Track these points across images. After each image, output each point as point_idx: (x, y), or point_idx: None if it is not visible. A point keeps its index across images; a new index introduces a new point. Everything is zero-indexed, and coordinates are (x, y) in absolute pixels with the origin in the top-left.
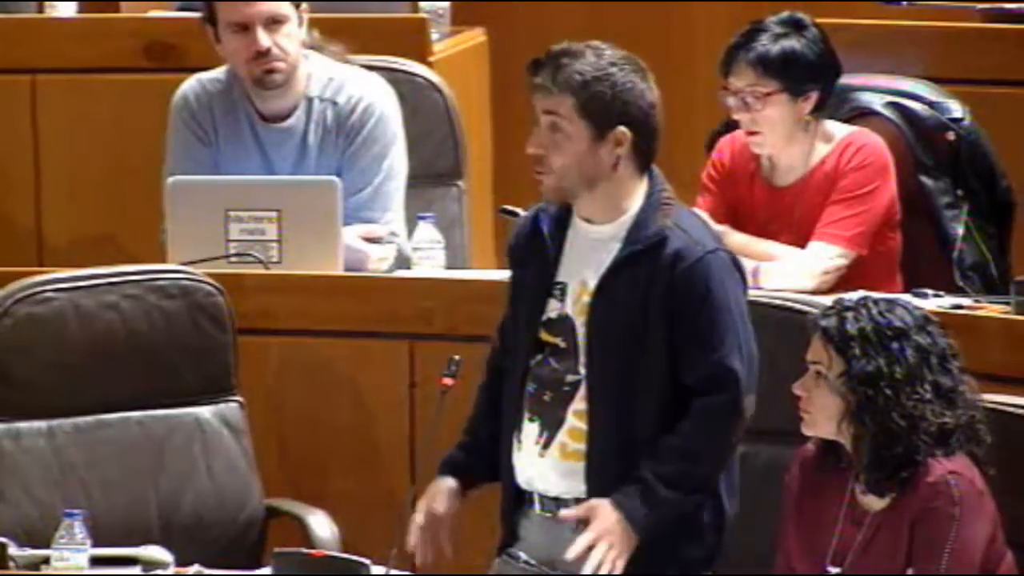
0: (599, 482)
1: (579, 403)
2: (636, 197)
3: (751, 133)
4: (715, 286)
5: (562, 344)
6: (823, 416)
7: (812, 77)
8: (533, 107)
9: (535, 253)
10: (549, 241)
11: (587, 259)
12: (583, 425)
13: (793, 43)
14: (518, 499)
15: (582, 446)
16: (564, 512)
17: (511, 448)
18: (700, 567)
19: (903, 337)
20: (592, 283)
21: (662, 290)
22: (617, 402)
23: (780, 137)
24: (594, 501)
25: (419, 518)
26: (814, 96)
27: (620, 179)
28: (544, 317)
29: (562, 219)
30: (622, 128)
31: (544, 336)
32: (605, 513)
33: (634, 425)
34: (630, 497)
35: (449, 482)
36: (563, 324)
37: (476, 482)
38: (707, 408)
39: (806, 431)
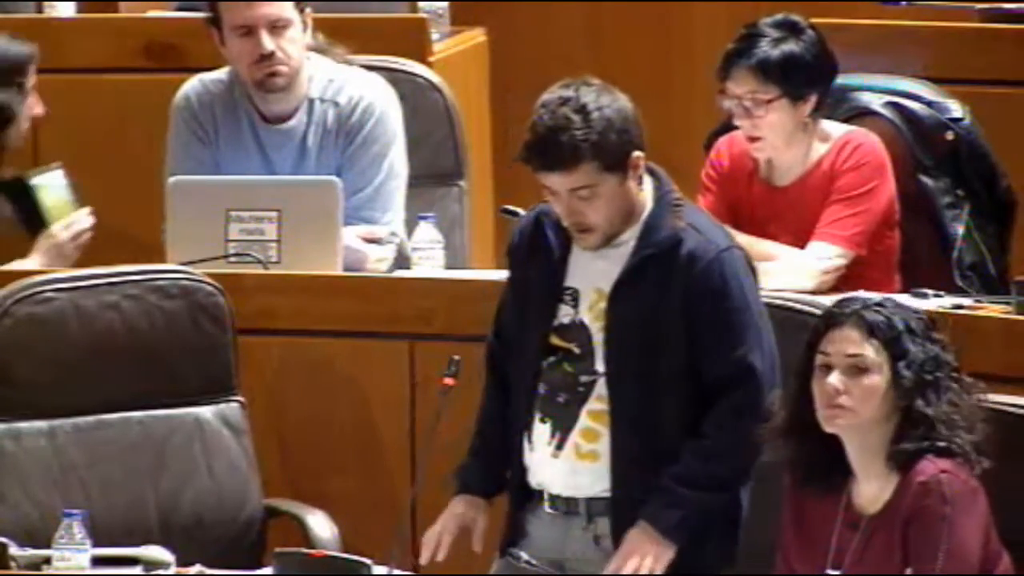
0: (625, 482)
1: (593, 403)
2: (645, 199)
3: (752, 139)
4: (732, 284)
5: (576, 349)
6: (867, 406)
7: (812, 80)
8: (529, 121)
9: (539, 256)
10: (556, 246)
11: (598, 264)
12: (597, 426)
13: (792, 47)
14: (525, 496)
15: (596, 446)
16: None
17: (521, 448)
18: (725, 564)
19: (932, 326)
20: (607, 289)
21: (679, 291)
22: (638, 403)
23: (781, 141)
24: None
25: (449, 534)
26: (813, 99)
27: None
28: (556, 323)
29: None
30: (635, 153)
31: (556, 341)
32: (632, 536)
33: (657, 425)
34: (653, 508)
35: (483, 507)
36: (577, 330)
37: (498, 494)
38: (728, 408)
39: (836, 428)
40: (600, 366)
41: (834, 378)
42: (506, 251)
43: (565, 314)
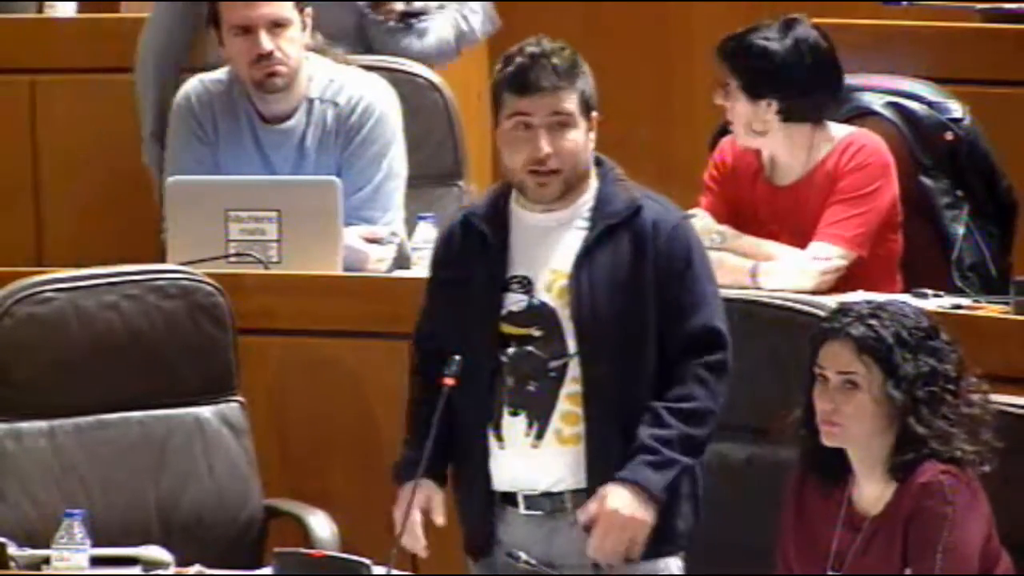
0: (600, 463)
1: (570, 386)
2: (589, 177)
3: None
4: (695, 251)
5: (536, 333)
6: (858, 424)
7: (771, 82)
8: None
9: (474, 254)
10: (493, 238)
11: (545, 246)
12: (577, 408)
13: (772, 45)
14: (489, 503)
15: (578, 429)
16: (580, 516)
17: (484, 453)
18: (684, 538)
19: (936, 335)
20: (564, 267)
21: (647, 257)
22: (615, 377)
23: (741, 130)
24: (601, 492)
25: (418, 522)
26: (773, 103)
27: None
28: (504, 312)
29: (496, 216)
30: (595, 114)
31: (509, 330)
32: (612, 500)
33: (634, 396)
34: (638, 469)
35: (434, 487)
36: (535, 313)
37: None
38: (704, 369)
39: (832, 442)
40: (571, 346)
41: (827, 395)
42: (432, 259)
43: (515, 302)
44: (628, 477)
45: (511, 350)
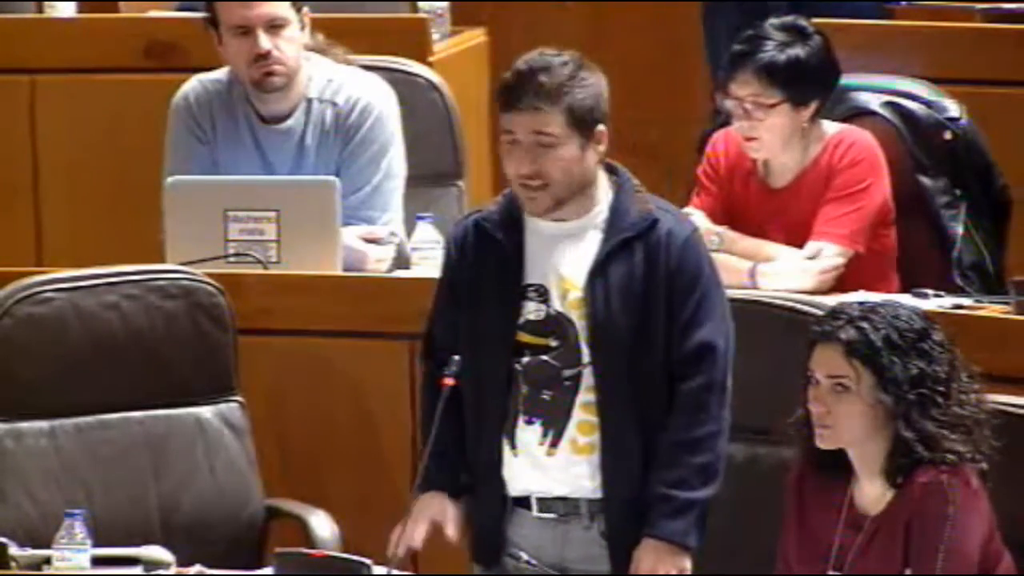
0: (615, 473)
1: (585, 395)
2: (604, 188)
3: (749, 139)
4: (705, 264)
5: (553, 343)
6: (849, 428)
7: (815, 86)
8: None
9: (488, 259)
10: (507, 245)
11: (559, 256)
12: (592, 417)
13: (798, 52)
14: (501, 507)
15: (593, 438)
16: None
17: (498, 457)
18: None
19: (927, 336)
20: (577, 277)
21: (660, 271)
22: (628, 388)
23: (778, 144)
24: (635, 555)
25: (420, 533)
26: (815, 104)
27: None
28: (522, 320)
29: (511, 222)
30: (600, 127)
31: (525, 338)
32: (644, 563)
33: (649, 406)
34: (660, 523)
35: (449, 501)
36: (553, 323)
37: (460, 496)
38: (691, 394)
39: (825, 445)
40: (585, 355)
41: (819, 398)
42: (444, 262)
43: (532, 310)
44: (652, 534)
45: (525, 359)
